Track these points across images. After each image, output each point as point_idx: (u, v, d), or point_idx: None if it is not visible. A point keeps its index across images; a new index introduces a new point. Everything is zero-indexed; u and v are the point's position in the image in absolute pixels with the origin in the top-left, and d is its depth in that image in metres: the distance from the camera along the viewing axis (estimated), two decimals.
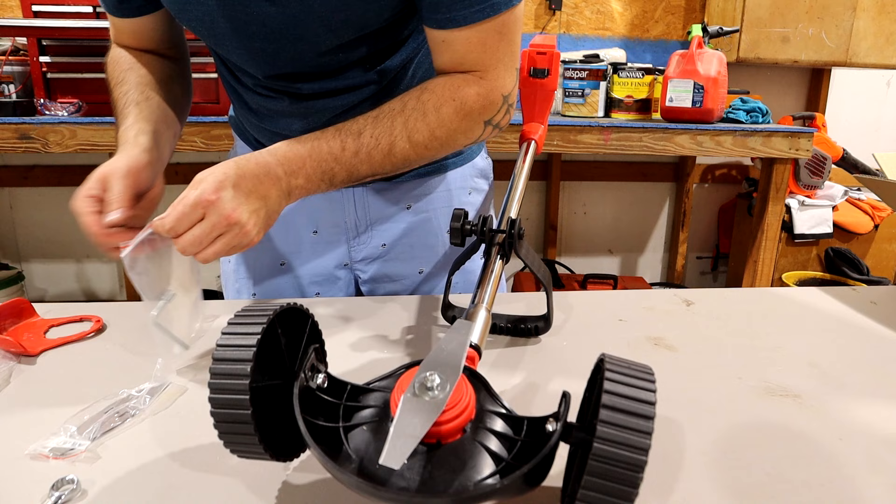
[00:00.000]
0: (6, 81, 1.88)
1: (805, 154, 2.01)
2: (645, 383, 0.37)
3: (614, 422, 0.35)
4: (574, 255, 2.94)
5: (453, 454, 0.39)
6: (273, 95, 0.79)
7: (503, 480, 0.37)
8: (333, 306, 0.82)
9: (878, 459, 0.51)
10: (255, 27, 0.69)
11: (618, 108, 2.17)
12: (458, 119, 0.70)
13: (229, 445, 0.42)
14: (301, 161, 0.65)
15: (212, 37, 0.72)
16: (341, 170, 0.67)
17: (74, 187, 0.61)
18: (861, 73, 2.87)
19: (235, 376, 0.40)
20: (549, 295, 0.70)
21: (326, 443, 0.40)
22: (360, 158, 0.67)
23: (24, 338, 0.70)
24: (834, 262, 2.53)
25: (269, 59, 0.73)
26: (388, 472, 0.38)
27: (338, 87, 0.77)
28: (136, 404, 0.56)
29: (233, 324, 0.42)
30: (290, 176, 0.64)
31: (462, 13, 0.66)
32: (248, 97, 0.82)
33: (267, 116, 0.82)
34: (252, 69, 0.76)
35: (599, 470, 0.35)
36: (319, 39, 0.70)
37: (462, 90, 0.70)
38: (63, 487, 0.45)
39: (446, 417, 0.39)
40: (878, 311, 0.84)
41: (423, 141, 0.69)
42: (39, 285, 2.67)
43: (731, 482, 0.48)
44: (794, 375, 0.65)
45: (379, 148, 0.67)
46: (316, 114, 0.79)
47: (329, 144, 0.66)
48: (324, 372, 0.45)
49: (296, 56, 0.72)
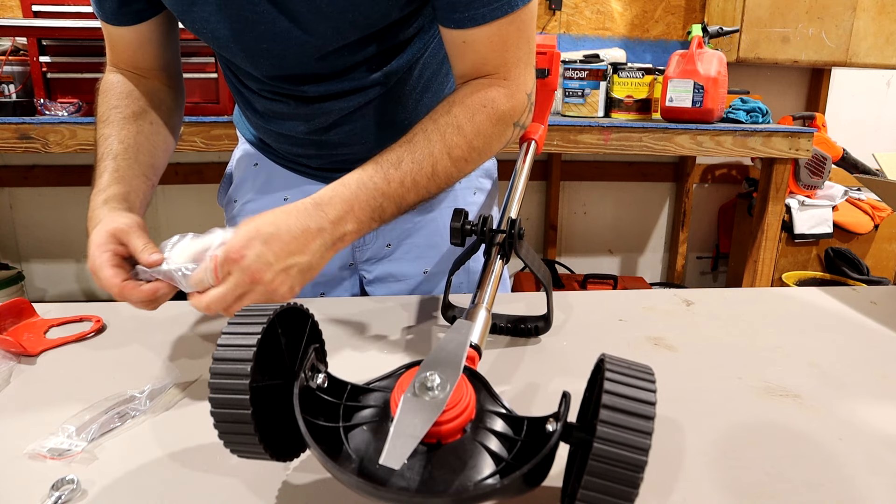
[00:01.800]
0: (6, 81, 1.88)
1: (805, 154, 2.01)
2: (645, 383, 0.37)
3: (614, 422, 0.35)
4: (574, 255, 2.94)
5: (453, 454, 0.39)
6: (278, 98, 0.78)
7: (503, 480, 0.37)
8: (334, 306, 0.82)
9: (879, 459, 0.51)
10: (262, 28, 0.68)
11: (618, 108, 2.17)
12: (491, 126, 0.69)
13: (229, 445, 0.42)
14: (348, 206, 0.62)
15: (215, 39, 0.72)
16: (390, 204, 0.64)
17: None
18: (861, 73, 2.86)
19: (235, 376, 0.40)
20: (550, 295, 0.70)
21: (326, 443, 0.40)
22: (407, 187, 0.65)
23: (23, 338, 0.70)
24: (834, 262, 2.53)
25: (274, 60, 0.72)
26: (389, 472, 0.38)
27: (343, 90, 0.76)
28: (137, 405, 0.56)
29: (233, 324, 0.42)
30: (338, 223, 0.61)
31: (481, 11, 0.65)
32: (253, 100, 0.82)
33: (272, 118, 0.82)
34: (256, 71, 0.75)
35: (599, 470, 0.35)
36: (325, 40, 0.69)
37: (490, 95, 0.69)
38: (63, 487, 0.45)
39: (446, 417, 0.39)
40: (878, 311, 0.84)
41: (463, 155, 0.68)
42: (39, 285, 2.67)
43: (731, 482, 0.48)
44: (794, 375, 0.65)
45: (423, 172, 0.65)
46: (321, 116, 0.79)
47: (373, 181, 0.63)
48: (324, 372, 0.45)
49: (301, 57, 0.72)
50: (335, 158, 0.86)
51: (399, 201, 0.65)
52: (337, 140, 0.83)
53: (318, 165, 0.89)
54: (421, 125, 0.68)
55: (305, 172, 0.90)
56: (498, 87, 0.70)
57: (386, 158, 0.65)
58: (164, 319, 0.77)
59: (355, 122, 0.81)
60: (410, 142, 0.66)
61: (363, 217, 0.63)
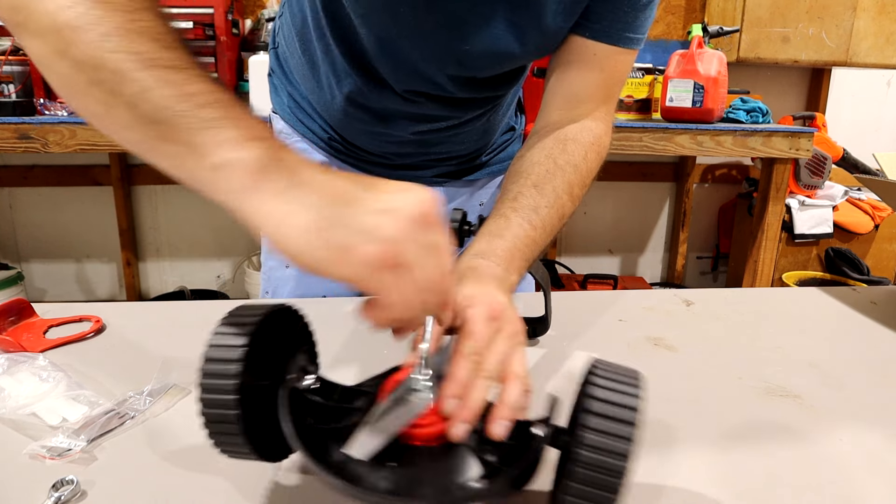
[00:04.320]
0: (6, 81, 1.88)
1: (805, 154, 2.01)
2: (631, 388, 0.37)
3: (598, 427, 0.35)
4: (574, 255, 2.94)
5: (440, 457, 0.39)
6: (415, 100, 0.77)
7: (489, 484, 0.37)
8: (331, 307, 0.82)
9: (879, 460, 0.51)
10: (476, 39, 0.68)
11: (618, 107, 2.17)
12: (598, 161, 0.71)
13: (218, 446, 0.42)
14: (510, 255, 0.58)
15: (397, 34, 0.69)
16: (534, 251, 0.62)
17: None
18: (861, 72, 2.86)
19: (224, 377, 0.39)
20: (548, 296, 0.70)
21: (316, 444, 0.40)
22: (547, 232, 0.63)
23: (23, 338, 0.70)
24: (834, 262, 2.52)
25: (464, 66, 0.72)
26: (374, 474, 0.38)
27: (488, 96, 0.80)
28: (137, 406, 0.56)
29: (223, 324, 0.42)
30: (509, 274, 0.57)
31: (627, 35, 0.69)
32: (374, 98, 0.79)
33: (387, 117, 0.81)
34: (396, 83, 0.75)
35: (582, 475, 0.35)
36: (526, 58, 0.73)
37: (597, 133, 0.71)
38: (63, 488, 0.45)
39: (434, 420, 0.39)
40: (878, 311, 0.84)
41: (579, 193, 0.68)
42: (39, 285, 2.66)
43: (731, 482, 0.48)
44: (794, 376, 0.65)
45: (557, 216, 0.64)
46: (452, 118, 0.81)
47: (523, 229, 0.60)
48: (314, 373, 0.45)
49: (494, 67, 0.74)
50: (427, 157, 0.88)
51: (541, 248, 0.63)
52: (441, 140, 0.85)
53: (403, 163, 0.89)
54: (540, 165, 0.66)
55: (375, 172, 0.89)
56: (600, 122, 0.72)
57: (522, 204, 0.62)
58: (163, 320, 0.77)
59: (476, 123, 0.84)
60: (536, 185, 0.64)
61: (522, 268, 0.60)
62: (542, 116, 0.73)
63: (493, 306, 0.47)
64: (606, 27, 0.68)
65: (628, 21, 0.68)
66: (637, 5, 0.67)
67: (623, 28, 0.68)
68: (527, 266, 0.61)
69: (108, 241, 2.58)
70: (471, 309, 0.46)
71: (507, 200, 0.63)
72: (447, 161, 0.90)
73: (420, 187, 0.39)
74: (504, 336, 0.46)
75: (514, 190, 0.64)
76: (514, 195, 0.63)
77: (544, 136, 0.70)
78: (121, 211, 2.50)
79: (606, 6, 0.67)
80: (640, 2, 0.67)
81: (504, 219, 0.61)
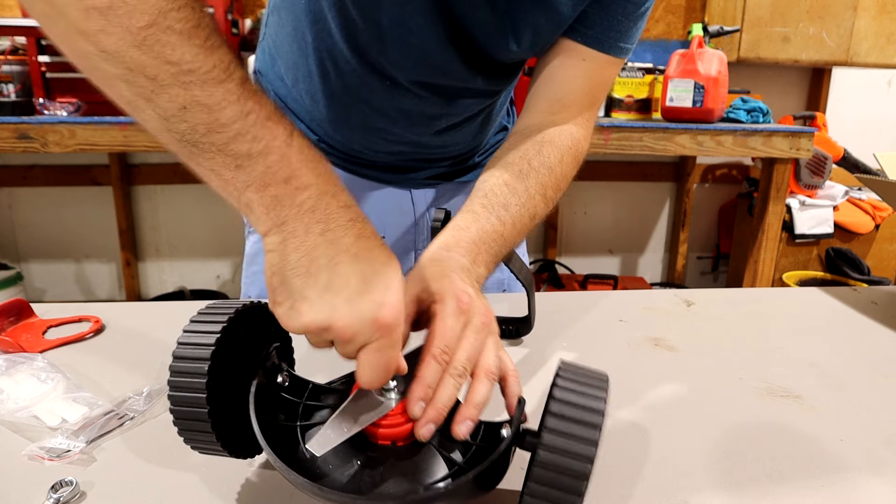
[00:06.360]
0: (5, 81, 1.88)
1: (806, 154, 2.01)
2: (596, 391, 0.37)
3: (560, 429, 0.35)
4: (574, 255, 2.94)
5: (408, 457, 0.40)
6: (421, 94, 0.76)
7: (453, 484, 0.37)
8: None
9: (879, 460, 0.51)
10: (470, 28, 0.67)
11: (618, 107, 2.17)
12: (574, 166, 0.71)
13: (189, 442, 0.42)
14: (476, 248, 0.58)
15: (402, 31, 0.67)
16: (503, 247, 0.62)
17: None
18: (862, 72, 2.86)
19: (193, 375, 0.40)
20: (531, 296, 0.70)
21: (284, 441, 0.40)
22: (517, 230, 0.63)
23: (22, 338, 0.70)
24: (835, 262, 2.52)
25: (438, 64, 0.70)
26: (340, 473, 0.38)
27: (491, 90, 0.79)
28: (136, 407, 0.56)
29: (194, 321, 0.42)
30: (476, 266, 0.57)
31: (619, 44, 0.69)
32: (378, 96, 0.77)
33: (387, 115, 0.79)
34: (401, 71, 0.72)
35: (543, 477, 0.35)
36: (523, 54, 0.71)
37: (576, 137, 0.71)
38: (62, 489, 0.44)
39: (401, 420, 0.39)
40: (878, 311, 0.84)
41: (553, 196, 0.68)
42: (38, 285, 2.66)
43: (732, 482, 0.48)
44: (794, 376, 0.65)
45: (528, 215, 0.64)
46: (452, 116, 0.80)
47: (491, 224, 0.61)
48: (286, 370, 0.45)
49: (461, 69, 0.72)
50: (420, 158, 0.87)
51: (511, 245, 0.63)
52: (438, 142, 0.84)
53: (396, 165, 0.88)
54: (514, 165, 0.66)
55: (368, 175, 0.88)
56: (580, 128, 0.72)
57: (491, 202, 0.62)
58: (163, 320, 0.77)
59: (473, 121, 0.84)
60: (508, 184, 0.64)
61: (490, 263, 0.59)
62: (523, 117, 0.73)
63: (460, 298, 0.47)
64: (599, 34, 0.68)
65: (621, 30, 0.68)
66: (632, 15, 0.68)
67: (616, 37, 0.68)
68: (496, 261, 0.61)
69: (108, 241, 2.58)
70: (438, 304, 0.46)
71: (478, 197, 0.63)
72: (440, 162, 0.89)
73: (396, 292, 0.40)
74: (473, 329, 0.46)
75: (486, 188, 0.64)
76: (486, 192, 0.63)
77: (523, 137, 0.69)
78: (120, 211, 2.50)
79: (602, 13, 0.67)
80: (635, 12, 0.68)
81: (472, 214, 0.61)
